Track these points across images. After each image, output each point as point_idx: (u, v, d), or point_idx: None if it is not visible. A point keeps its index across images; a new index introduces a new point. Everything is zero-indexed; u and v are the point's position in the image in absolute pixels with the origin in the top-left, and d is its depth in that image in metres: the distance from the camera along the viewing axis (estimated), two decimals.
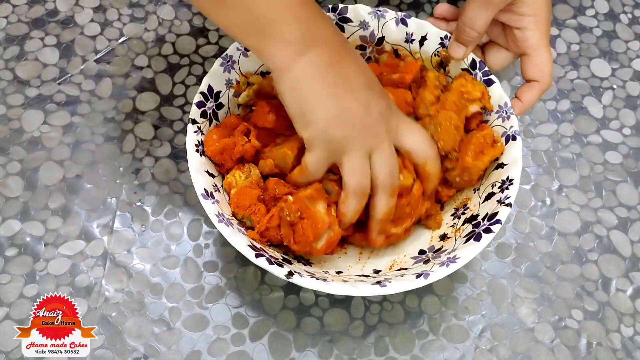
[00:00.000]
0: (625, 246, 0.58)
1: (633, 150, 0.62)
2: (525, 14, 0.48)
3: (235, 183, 0.49)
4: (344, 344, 0.52)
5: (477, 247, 0.44)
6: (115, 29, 0.66)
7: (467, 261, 0.44)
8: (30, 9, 0.66)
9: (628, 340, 0.53)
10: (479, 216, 0.48)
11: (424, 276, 0.43)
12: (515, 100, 0.51)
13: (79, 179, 0.58)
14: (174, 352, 0.51)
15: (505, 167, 0.48)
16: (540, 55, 0.49)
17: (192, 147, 0.48)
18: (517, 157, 0.48)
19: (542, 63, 0.49)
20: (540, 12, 0.48)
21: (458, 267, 0.43)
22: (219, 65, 0.51)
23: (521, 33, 0.49)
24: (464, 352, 0.52)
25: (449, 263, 0.44)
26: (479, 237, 0.45)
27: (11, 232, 0.55)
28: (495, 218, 0.45)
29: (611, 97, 0.65)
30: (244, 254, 0.43)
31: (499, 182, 0.48)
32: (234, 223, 0.46)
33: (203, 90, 0.50)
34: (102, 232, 0.55)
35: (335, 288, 0.42)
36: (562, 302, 0.55)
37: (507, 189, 0.47)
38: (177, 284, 0.54)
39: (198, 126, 0.49)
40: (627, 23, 0.70)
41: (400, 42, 0.54)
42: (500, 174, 0.48)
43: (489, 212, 0.47)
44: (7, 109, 0.61)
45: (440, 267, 0.44)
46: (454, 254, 0.45)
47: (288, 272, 0.43)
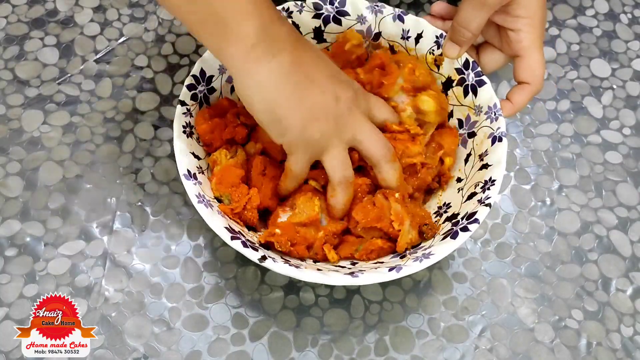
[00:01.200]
0: (625, 246, 0.58)
1: (633, 150, 0.62)
2: (519, 15, 0.48)
3: (219, 161, 0.50)
4: (344, 343, 0.52)
5: (452, 245, 0.45)
6: (115, 29, 0.66)
7: (441, 258, 0.44)
8: (30, 9, 0.66)
9: (628, 340, 0.53)
10: (459, 215, 0.48)
11: (396, 270, 0.43)
12: (506, 102, 0.51)
13: (79, 179, 0.58)
14: (174, 352, 0.51)
15: (489, 168, 0.48)
16: (533, 57, 0.49)
17: (179, 128, 0.48)
18: (501, 159, 0.48)
19: (533, 65, 0.49)
20: (534, 15, 0.48)
21: (431, 263, 0.44)
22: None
23: (515, 35, 0.49)
24: (464, 352, 0.52)
25: (422, 259, 0.44)
26: (456, 234, 0.45)
27: (11, 232, 0.55)
28: (473, 217, 0.46)
29: (611, 97, 0.65)
30: (220, 235, 0.44)
31: (481, 183, 0.48)
32: (214, 205, 0.46)
33: (195, 73, 0.50)
34: (102, 232, 0.55)
35: (307, 275, 0.43)
36: (562, 302, 0.55)
37: (489, 189, 0.47)
38: (177, 284, 0.54)
39: (187, 108, 0.49)
40: (627, 23, 0.70)
41: (396, 38, 0.54)
42: (483, 175, 0.49)
43: (469, 211, 0.47)
44: (7, 109, 0.61)
45: (414, 262, 0.44)
46: (430, 250, 0.45)
47: (261, 257, 0.43)
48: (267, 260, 0.43)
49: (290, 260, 0.46)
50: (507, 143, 0.49)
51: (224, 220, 0.45)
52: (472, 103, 0.52)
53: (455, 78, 0.53)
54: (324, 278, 0.43)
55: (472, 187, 0.49)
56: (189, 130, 0.49)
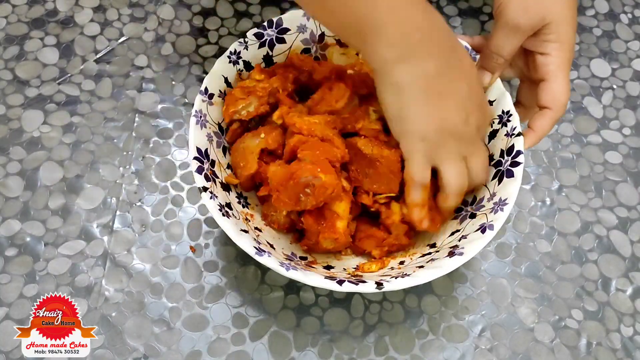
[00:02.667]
0: (625, 246, 0.58)
1: (633, 150, 0.62)
2: (550, 40, 0.48)
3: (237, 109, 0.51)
4: (344, 343, 0.52)
5: (434, 273, 0.43)
6: (115, 29, 0.66)
7: (420, 282, 0.43)
8: (30, 9, 0.66)
9: (628, 340, 0.53)
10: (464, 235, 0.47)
11: (377, 286, 0.42)
12: (528, 130, 0.49)
13: (79, 179, 0.58)
14: (174, 352, 0.51)
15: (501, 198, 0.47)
16: (558, 82, 0.48)
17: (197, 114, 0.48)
18: (513, 192, 0.46)
19: (557, 90, 0.48)
20: (565, 40, 0.48)
21: (409, 285, 0.43)
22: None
23: (543, 58, 0.48)
24: (463, 352, 0.52)
25: (404, 276, 0.44)
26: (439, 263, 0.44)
27: (11, 232, 0.55)
28: (458, 250, 0.45)
29: (611, 97, 0.65)
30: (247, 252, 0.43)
31: (490, 208, 0.47)
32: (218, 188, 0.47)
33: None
34: (102, 232, 0.55)
35: (293, 274, 0.43)
36: (562, 302, 0.55)
37: (499, 212, 0.46)
38: (177, 284, 0.54)
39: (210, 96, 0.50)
40: (627, 23, 0.70)
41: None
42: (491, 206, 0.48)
43: (469, 232, 0.46)
44: (7, 109, 0.61)
45: (396, 280, 0.43)
46: (412, 271, 0.44)
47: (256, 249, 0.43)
48: (263, 255, 0.43)
49: (325, 275, 0.44)
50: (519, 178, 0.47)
51: (249, 237, 0.45)
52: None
53: None
54: (303, 277, 0.43)
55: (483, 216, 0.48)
56: (204, 120, 0.49)
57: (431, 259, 0.46)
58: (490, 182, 0.49)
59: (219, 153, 0.50)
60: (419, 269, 0.45)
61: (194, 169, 0.46)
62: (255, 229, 0.48)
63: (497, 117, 0.49)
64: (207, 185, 0.46)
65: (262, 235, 0.48)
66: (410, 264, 0.47)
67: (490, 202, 0.47)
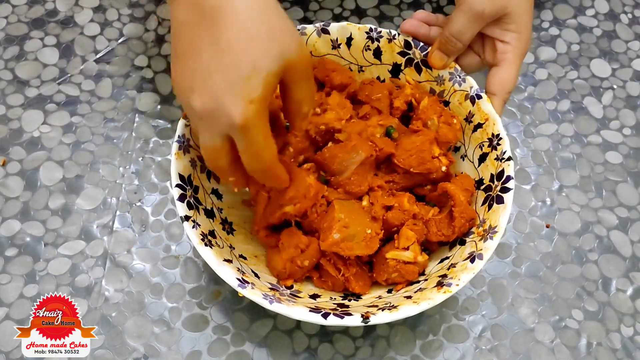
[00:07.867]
0: (626, 246, 0.58)
1: (633, 150, 0.62)
2: (510, 29, 0.49)
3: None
4: (343, 344, 0.52)
5: (420, 307, 0.42)
6: (115, 29, 0.66)
7: (407, 315, 0.42)
8: (30, 9, 0.66)
9: (628, 340, 0.53)
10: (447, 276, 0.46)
11: (363, 320, 0.41)
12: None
13: (79, 179, 0.58)
14: (174, 352, 0.51)
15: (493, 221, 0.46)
16: (509, 70, 0.50)
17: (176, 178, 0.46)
18: (503, 220, 0.46)
19: (507, 78, 0.50)
20: (523, 30, 0.49)
21: (395, 319, 0.42)
22: None
23: (502, 46, 0.50)
24: (464, 352, 0.52)
25: (391, 308, 0.42)
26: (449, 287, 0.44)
27: (11, 232, 0.55)
28: (446, 281, 0.44)
29: (611, 97, 0.65)
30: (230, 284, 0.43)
31: (477, 238, 0.46)
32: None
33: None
34: (102, 232, 0.55)
35: (329, 320, 0.41)
36: (562, 302, 0.55)
37: (488, 240, 0.45)
38: (177, 284, 0.54)
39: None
40: (627, 23, 0.70)
41: (328, 51, 0.54)
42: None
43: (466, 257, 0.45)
44: (7, 109, 0.61)
45: (382, 312, 0.42)
46: (398, 302, 0.43)
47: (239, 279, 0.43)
48: (245, 287, 0.42)
49: (310, 307, 0.43)
50: (498, 117, 0.48)
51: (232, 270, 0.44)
52: (429, 76, 0.52)
53: (401, 61, 0.53)
54: (287, 310, 0.41)
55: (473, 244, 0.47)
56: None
57: (419, 289, 0.45)
58: (480, 207, 0.48)
59: (202, 178, 0.49)
60: (406, 299, 0.44)
61: (175, 197, 0.45)
62: (240, 256, 0.47)
63: (487, 140, 0.49)
64: (190, 213, 0.45)
65: (247, 263, 0.47)
66: (397, 293, 0.47)
67: (480, 229, 0.47)
